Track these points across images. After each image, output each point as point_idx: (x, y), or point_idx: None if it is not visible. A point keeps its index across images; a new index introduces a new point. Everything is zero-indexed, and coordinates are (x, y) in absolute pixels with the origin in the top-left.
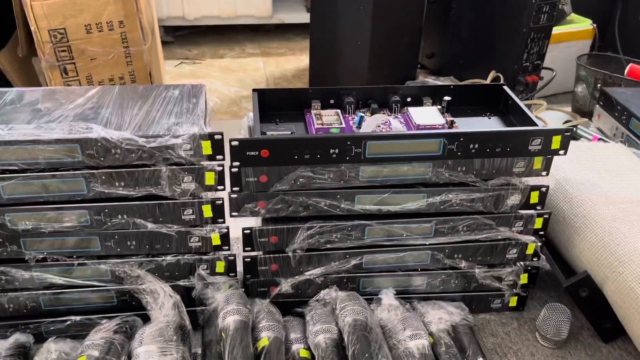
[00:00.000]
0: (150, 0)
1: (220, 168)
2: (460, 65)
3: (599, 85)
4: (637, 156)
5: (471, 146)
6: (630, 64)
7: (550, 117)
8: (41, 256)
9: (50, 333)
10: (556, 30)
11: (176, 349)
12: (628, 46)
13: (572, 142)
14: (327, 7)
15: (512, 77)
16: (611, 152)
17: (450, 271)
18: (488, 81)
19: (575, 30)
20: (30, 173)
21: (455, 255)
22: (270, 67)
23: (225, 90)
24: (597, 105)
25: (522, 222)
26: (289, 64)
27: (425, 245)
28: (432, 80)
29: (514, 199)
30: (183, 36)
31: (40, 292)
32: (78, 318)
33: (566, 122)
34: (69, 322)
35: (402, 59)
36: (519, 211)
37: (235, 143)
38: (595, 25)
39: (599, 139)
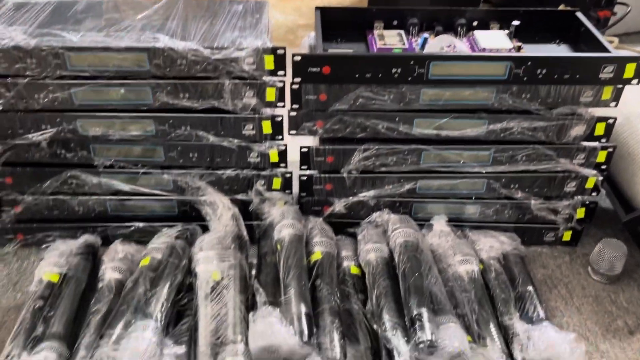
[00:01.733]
0: None
1: (281, 84)
2: None
3: None
4: None
5: (538, 71)
6: None
7: None
8: (109, 163)
9: (116, 237)
10: None
11: (234, 256)
12: None
13: None
14: None
15: (582, 11)
16: None
17: (505, 201)
18: None
19: None
20: (100, 80)
21: (512, 185)
22: None
23: (282, 19)
24: None
25: (584, 155)
26: None
27: (482, 173)
28: None
29: (578, 130)
30: None
31: (108, 197)
32: (141, 225)
33: None
34: (133, 228)
35: None
36: (582, 143)
37: (297, 58)
38: None
39: None
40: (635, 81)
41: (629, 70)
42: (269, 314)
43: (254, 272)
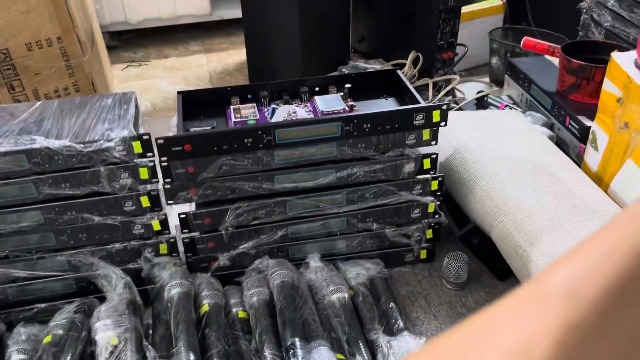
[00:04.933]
0: (90, 10)
1: (152, 163)
2: (387, 47)
3: (508, 56)
4: (531, 118)
5: (364, 126)
6: (524, 37)
7: (468, 88)
8: (4, 254)
9: (20, 321)
10: (468, 8)
11: (129, 320)
12: (539, 18)
13: (472, 112)
14: (256, 1)
15: (430, 55)
16: (506, 118)
17: (365, 233)
18: (409, 61)
19: (487, 7)
20: None
21: (367, 219)
22: (213, 63)
23: (171, 89)
24: (506, 75)
25: (420, 186)
26: (231, 59)
27: (340, 213)
28: (362, 64)
29: (410, 167)
30: (128, 39)
31: (7, 285)
32: (43, 305)
33: (479, 92)
34: (35, 310)
35: (333, 45)
36: (417, 176)
37: (160, 141)
38: (505, 0)
39: (506, 106)
40: (443, 123)
41: (436, 115)
42: None
43: (150, 331)
